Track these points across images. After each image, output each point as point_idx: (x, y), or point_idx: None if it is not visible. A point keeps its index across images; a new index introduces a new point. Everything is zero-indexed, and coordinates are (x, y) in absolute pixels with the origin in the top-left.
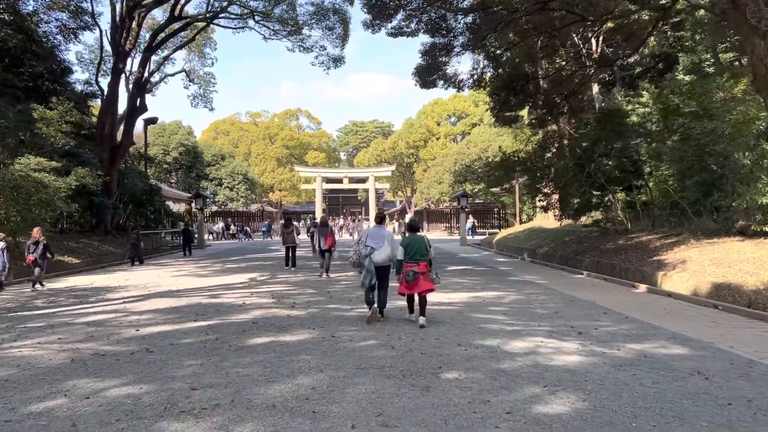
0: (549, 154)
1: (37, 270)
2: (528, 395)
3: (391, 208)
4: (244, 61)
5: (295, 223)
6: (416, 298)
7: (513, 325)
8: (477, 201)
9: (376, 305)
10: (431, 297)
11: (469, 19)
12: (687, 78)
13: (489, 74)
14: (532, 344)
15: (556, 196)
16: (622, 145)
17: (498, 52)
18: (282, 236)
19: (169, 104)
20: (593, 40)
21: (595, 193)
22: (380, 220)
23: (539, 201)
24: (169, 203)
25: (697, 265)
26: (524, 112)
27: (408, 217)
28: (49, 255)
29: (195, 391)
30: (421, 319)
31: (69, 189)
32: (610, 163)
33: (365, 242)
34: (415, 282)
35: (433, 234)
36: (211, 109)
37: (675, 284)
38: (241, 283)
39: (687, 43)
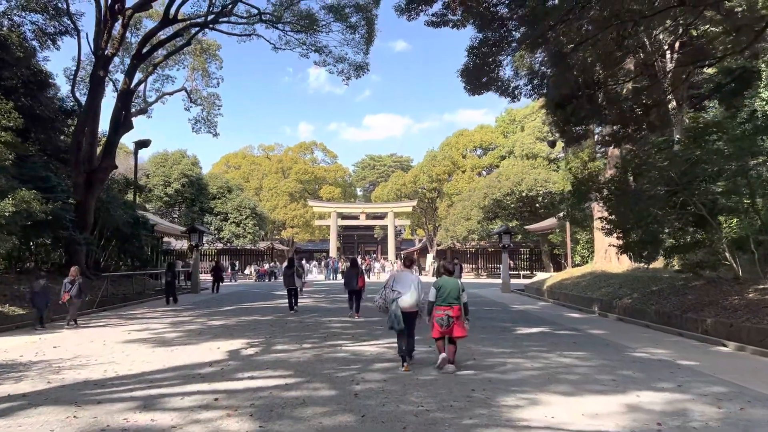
0: (623, 178)
1: (71, 308)
2: None
3: (409, 247)
4: (260, 101)
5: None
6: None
7: None
8: None
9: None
10: (561, 420)
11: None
12: None
13: (552, 79)
14: None
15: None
16: (736, 167)
17: (565, 50)
18: (283, 278)
19: (176, 136)
20: (668, 53)
21: (689, 229)
22: (409, 263)
23: (617, 238)
24: (171, 240)
25: None
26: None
27: (431, 257)
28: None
29: None
30: (450, 367)
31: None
32: (719, 190)
33: (392, 287)
34: (449, 328)
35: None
36: (215, 135)
37: None
38: (212, 363)
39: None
